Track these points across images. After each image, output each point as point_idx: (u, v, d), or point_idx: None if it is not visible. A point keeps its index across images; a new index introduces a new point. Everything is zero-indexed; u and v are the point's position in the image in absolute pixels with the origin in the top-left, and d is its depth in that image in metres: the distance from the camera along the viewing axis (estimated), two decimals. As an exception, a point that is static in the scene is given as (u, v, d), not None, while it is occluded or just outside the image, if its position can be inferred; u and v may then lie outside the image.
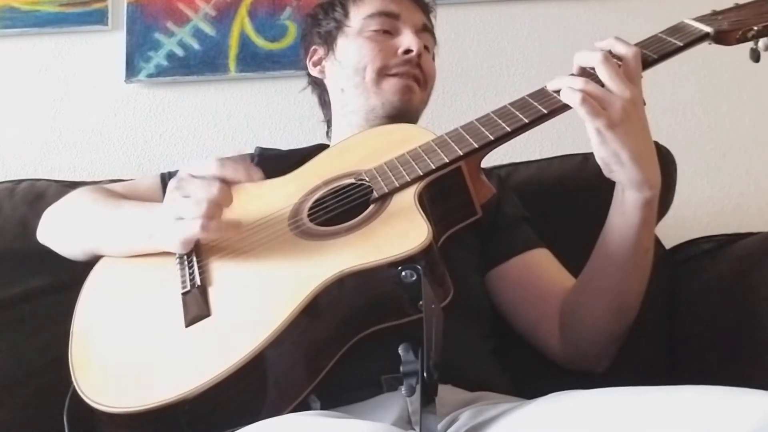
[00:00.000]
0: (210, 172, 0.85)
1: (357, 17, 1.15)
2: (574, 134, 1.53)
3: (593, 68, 0.84)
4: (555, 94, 0.87)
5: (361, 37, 1.13)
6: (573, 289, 1.00)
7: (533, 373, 1.02)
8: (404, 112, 1.11)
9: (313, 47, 1.22)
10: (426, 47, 1.16)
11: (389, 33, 1.13)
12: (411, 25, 1.13)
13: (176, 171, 1.16)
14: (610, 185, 0.91)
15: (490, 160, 1.05)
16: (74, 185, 1.19)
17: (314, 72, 1.22)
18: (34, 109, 1.64)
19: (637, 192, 0.88)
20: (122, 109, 1.64)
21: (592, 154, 1.30)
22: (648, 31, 0.93)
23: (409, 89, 1.11)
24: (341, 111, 1.17)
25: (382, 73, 1.10)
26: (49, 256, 1.08)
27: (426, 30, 1.17)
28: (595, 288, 0.96)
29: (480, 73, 1.64)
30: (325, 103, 1.24)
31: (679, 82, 1.60)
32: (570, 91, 0.83)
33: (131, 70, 1.62)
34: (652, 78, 0.93)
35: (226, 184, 0.84)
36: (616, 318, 0.96)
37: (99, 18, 1.65)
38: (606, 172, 0.88)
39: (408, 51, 1.10)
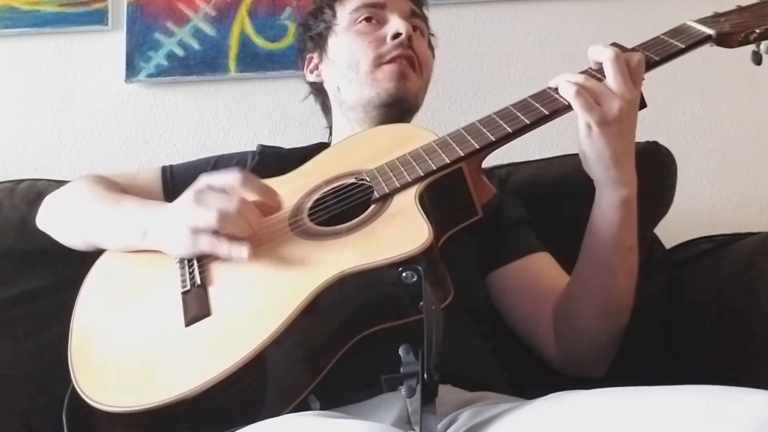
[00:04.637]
0: (232, 185, 0.84)
1: (343, 14, 1.15)
2: (574, 134, 1.51)
3: (601, 63, 0.86)
4: (557, 96, 0.87)
5: (350, 31, 1.13)
6: (563, 292, 0.99)
7: (533, 373, 1.02)
8: (401, 99, 1.10)
9: (309, 55, 1.22)
10: (420, 32, 1.16)
11: (377, 24, 1.13)
12: (398, 12, 1.14)
13: (178, 165, 1.16)
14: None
15: (490, 160, 1.05)
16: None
17: (312, 78, 1.22)
18: (34, 109, 1.63)
19: (612, 190, 0.89)
20: (122, 109, 1.63)
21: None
22: (649, 32, 0.93)
23: (404, 75, 1.10)
24: (340, 109, 1.17)
25: (376, 63, 1.10)
26: (49, 256, 1.07)
27: (415, 16, 1.17)
28: (582, 290, 0.96)
29: (480, 73, 1.64)
30: (327, 109, 1.24)
31: (679, 82, 1.60)
32: (567, 83, 0.85)
33: (131, 70, 1.62)
34: (652, 78, 0.93)
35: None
36: (606, 320, 0.95)
37: (99, 18, 1.65)
38: (584, 166, 0.90)
39: (397, 35, 1.10)
